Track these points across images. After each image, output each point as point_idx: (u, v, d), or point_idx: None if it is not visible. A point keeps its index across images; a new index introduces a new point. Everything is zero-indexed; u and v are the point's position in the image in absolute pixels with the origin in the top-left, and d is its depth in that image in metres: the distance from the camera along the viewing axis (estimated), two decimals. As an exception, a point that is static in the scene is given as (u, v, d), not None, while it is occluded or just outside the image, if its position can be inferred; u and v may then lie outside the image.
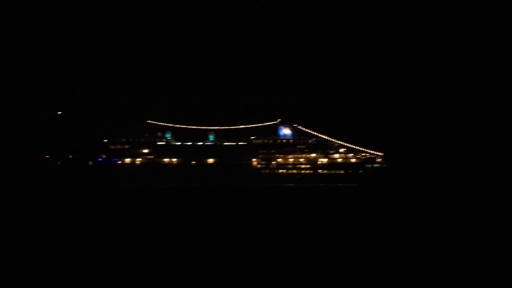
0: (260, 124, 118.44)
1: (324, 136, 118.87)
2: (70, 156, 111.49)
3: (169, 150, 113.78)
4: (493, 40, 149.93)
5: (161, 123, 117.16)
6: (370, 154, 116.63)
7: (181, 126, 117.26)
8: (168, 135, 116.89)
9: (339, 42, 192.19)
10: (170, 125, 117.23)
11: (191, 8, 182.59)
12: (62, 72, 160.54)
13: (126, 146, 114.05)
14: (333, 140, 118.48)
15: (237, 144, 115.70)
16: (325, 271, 16.36)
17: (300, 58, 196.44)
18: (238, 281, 14.91)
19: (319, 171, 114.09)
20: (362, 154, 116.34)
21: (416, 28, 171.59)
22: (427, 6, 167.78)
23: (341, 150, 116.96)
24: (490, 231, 19.99)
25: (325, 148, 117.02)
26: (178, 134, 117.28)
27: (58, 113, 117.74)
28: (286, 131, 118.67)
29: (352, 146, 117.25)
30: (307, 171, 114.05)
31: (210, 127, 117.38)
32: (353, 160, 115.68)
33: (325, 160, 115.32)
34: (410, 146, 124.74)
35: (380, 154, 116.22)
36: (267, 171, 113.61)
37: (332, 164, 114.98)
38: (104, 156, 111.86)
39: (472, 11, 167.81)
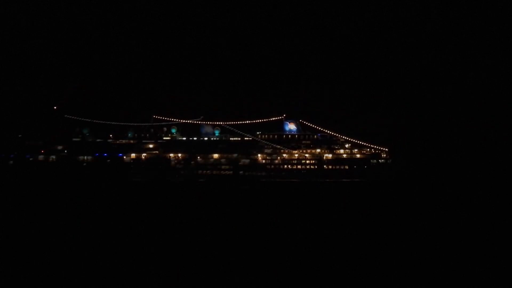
0: (266, 120, 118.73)
1: (329, 131, 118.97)
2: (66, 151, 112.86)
3: (175, 145, 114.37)
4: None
5: (167, 118, 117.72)
6: (375, 149, 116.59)
7: (187, 121, 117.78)
8: (173, 130, 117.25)
9: (345, 38, 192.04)
10: (176, 120, 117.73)
11: (198, 6, 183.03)
12: (67, 67, 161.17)
13: (132, 141, 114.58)
14: (338, 135, 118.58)
15: (242, 140, 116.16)
16: (330, 265, 16.59)
17: (306, 53, 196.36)
18: (242, 275, 15.08)
19: (324, 166, 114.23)
20: (367, 150, 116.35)
21: (421, 24, 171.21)
22: (431, 4, 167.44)
23: (346, 145, 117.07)
24: (491, 229, 20.11)
25: (330, 144, 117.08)
26: (183, 129, 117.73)
27: (54, 107, 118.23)
28: (291, 127, 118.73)
29: (357, 141, 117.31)
30: (312, 167, 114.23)
31: (216, 123, 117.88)
32: (358, 155, 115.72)
33: (330, 156, 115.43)
34: (415, 141, 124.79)
35: (385, 149, 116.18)
36: (272, 166, 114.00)
37: (337, 159, 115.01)
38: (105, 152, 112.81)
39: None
